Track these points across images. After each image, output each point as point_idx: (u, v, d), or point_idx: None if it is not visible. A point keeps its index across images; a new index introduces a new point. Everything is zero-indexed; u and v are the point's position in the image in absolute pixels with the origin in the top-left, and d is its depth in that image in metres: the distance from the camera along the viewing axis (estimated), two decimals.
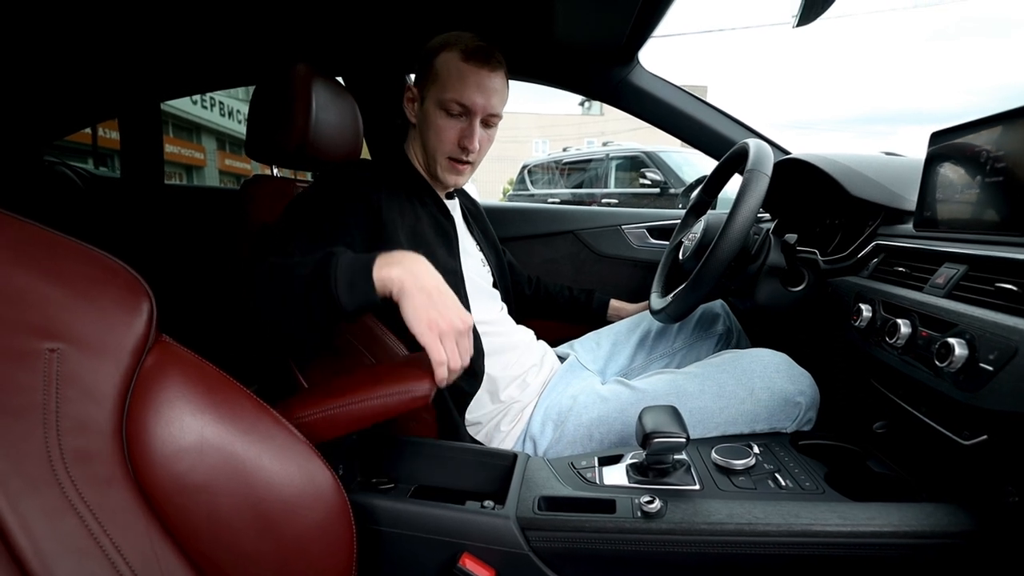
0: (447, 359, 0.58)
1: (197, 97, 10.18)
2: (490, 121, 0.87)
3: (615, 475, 0.67)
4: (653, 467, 0.65)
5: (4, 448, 0.39)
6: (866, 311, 0.67)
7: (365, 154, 1.06)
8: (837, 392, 0.83)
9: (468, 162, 0.88)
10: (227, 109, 11.11)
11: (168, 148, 9.80)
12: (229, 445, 0.50)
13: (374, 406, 0.58)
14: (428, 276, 0.61)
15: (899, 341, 0.59)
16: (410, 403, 0.58)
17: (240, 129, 11.55)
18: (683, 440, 0.60)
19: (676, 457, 0.65)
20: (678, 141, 1.27)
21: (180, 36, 1.17)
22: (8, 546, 0.37)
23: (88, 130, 1.62)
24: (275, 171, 0.94)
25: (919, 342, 0.56)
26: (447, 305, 0.59)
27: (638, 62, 1.16)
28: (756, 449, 0.70)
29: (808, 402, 0.76)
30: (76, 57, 1.22)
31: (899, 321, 0.59)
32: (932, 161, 0.65)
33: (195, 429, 0.49)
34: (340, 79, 1.27)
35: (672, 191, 4.87)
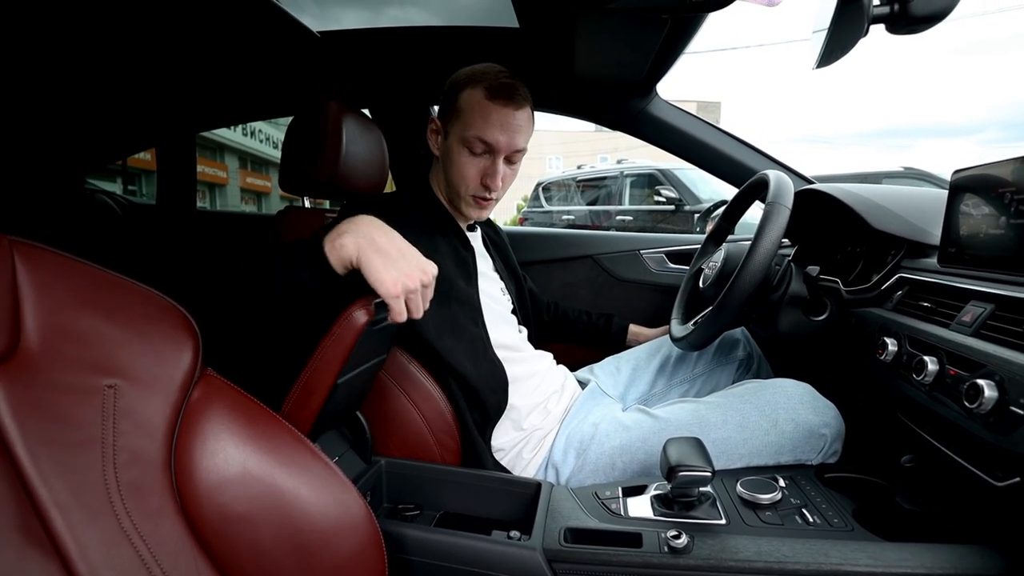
0: (408, 314, 0.60)
1: None
2: (514, 157, 0.87)
3: (640, 506, 0.67)
4: (678, 500, 0.65)
5: (66, 480, 0.42)
6: (891, 345, 0.67)
7: (390, 183, 1.09)
8: (862, 424, 0.82)
9: (491, 198, 0.89)
10: (249, 129, 11.43)
11: None
12: (269, 476, 0.52)
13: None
14: (383, 236, 0.61)
15: (926, 378, 0.59)
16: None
17: (261, 148, 11.86)
18: (709, 474, 0.60)
19: (701, 490, 0.66)
20: None
21: (216, 72, 1.23)
22: (70, 575, 0.40)
23: None
24: (306, 202, 0.98)
25: (947, 380, 0.56)
26: (407, 260, 0.60)
27: (656, 93, 1.18)
28: (782, 482, 0.69)
29: (833, 434, 0.76)
30: (119, 90, 1.29)
31: (926, 358, 0.59)
32: (956, 197, 0.65)
33: (238, 460, 0.51)
34: (367, 111, 1.32)
35: (687, 208, 4.87)
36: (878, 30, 0.58)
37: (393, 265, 0.59)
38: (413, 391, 0.81)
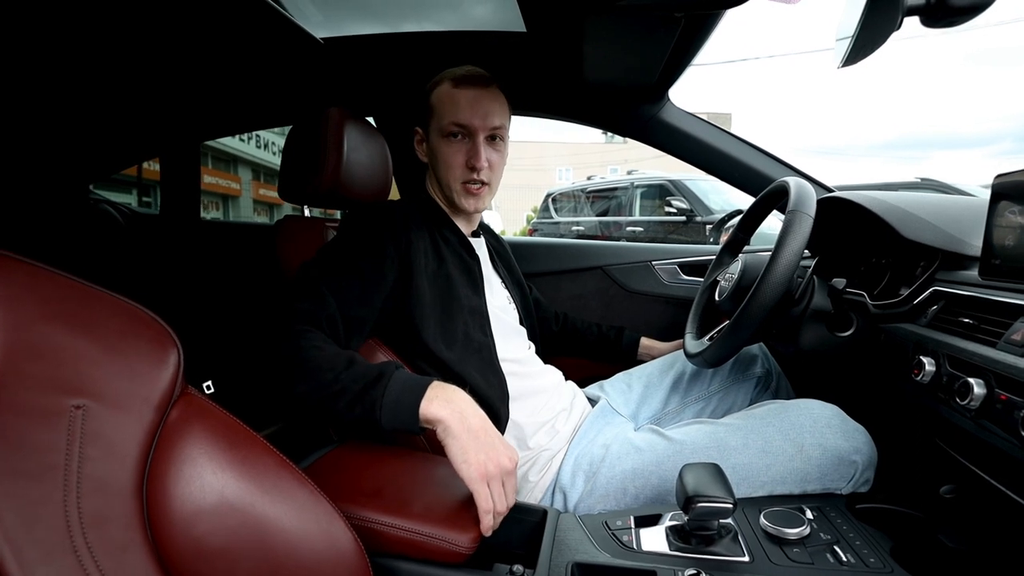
0: (494, 505, 0.57)
1: None
2: (496, 133, 0.86)
3: (654, 539, 0.62)
4: (696, 532, 0.60)
5: (21, 514, 0.38)
6: (929, 364, 0.62)
7: (394, 192, 1.07)
8: (895, 450, 0.76)
9: (483, 182, 0.87)
10: (263, 141, 11.61)
11: (207, 179, 10.25)
12: (250, 506, 0.48)
13: (414, 541, 0.57)
14: (474, 416, 0.60)
15: (972, 403, 0.53)
16: (448, 554, 0.57)
17: (274, 160, 12.02)
18: (730, 505, 0.55)
19: (721, 522, 0.60)
20: None
21: (220, 80, 1.21)
22: None
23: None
24: (307, 211, 0.96)
25: (997, 406, 0.51)
26: (494, 445, 0.59)
27: (668, 99, 1.14)
28: (809, 514, 0.64)
29: (865, 461, 0.70)
30: (122, 99, 1.28)
31: (971, 380, 0.53)
32: (998, 205, 0.60)
33: (215, 489, 0.47)
34: (371, 119, 1.29)
35: (699, 219, 4.80)
36: (911, 23, 0.53)
37: (480, 447, 0.58)
38: None
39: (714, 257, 1.09)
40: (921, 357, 0.63)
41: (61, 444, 0.41)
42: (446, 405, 0.59)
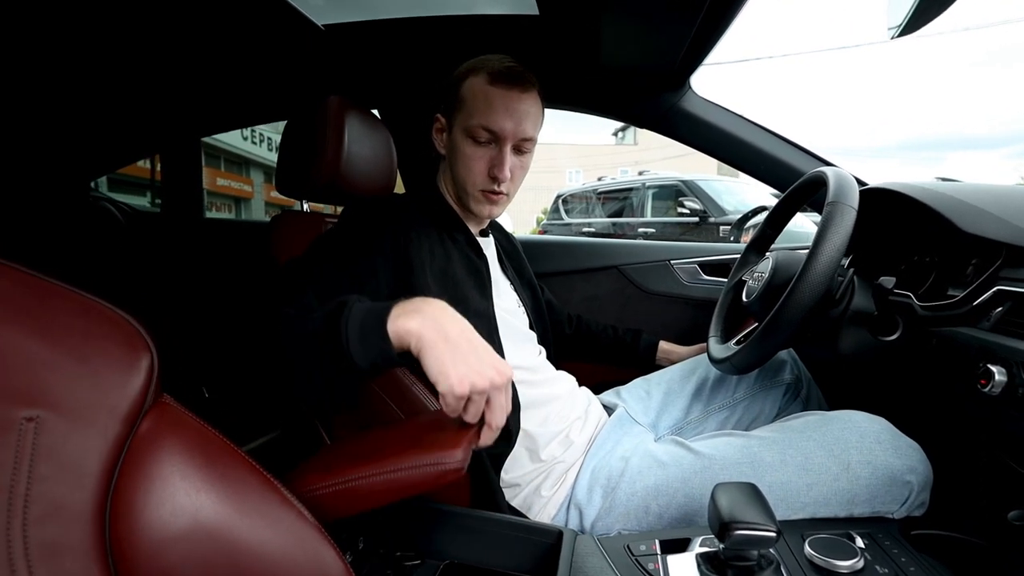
0: (466, 418, 0.51)
1: (247, 133, 10.79)
2: (523, 147, 0.80)
3: (683, 568, 0.55)
4: (732, 562, 0.53)
5: None
6: (999, 375, 0.54)
7: (400, 187, 1.01)
8: (953, 469, 0.69)
9: (502, 192, 0.81)
10: (275, 144, 11.71)
11: (219, 181, 10.34)
12: (227, 531, 0.42)
13: (398, 479, 0.50)
14: (452, 323, 0.52)
15: None
16: (440, 477, 0.50)
17: None
18: (773, 535, 0.48)
19: (761, 551, 0.54)
20: (715, 169, 1.18)
21: (220, 74, 1.17)
22: None
23: (146, 163, 1.69)
24: (305, 206, 0.90)
25: None
26: (478, 356, 0.51)
27: (690, 87, 1.08)
28: (860, 542, 0.57)
29: (920, 481, 0.63)
30: (121, 95, 1.25)
31: None
32: None
33: (189, 512, 0.41)
34: (376, 111, 1.24)
35: (712, 220, 4.71)
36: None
37: (463, 359, 0.50)
38: (416, 416, 0.71)
39: (738, 256, 1.03)
40: (989, 366, 0.56)
41: (7, 463, 0.35)
42: (415, 315, 0.51)
